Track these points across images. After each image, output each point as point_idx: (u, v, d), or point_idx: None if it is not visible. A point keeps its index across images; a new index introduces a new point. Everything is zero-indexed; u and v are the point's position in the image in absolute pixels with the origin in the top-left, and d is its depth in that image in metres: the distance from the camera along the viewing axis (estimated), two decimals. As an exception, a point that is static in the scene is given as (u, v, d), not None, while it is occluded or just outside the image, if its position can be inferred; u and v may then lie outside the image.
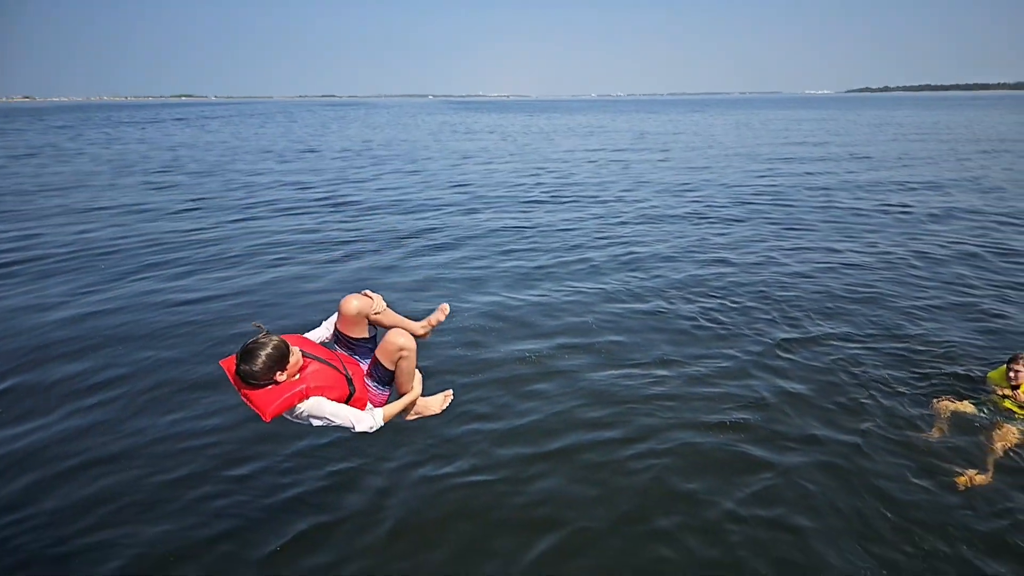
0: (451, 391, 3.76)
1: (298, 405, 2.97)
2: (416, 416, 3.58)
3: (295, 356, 2.98)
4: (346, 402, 3.12)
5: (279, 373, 2.91)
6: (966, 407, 5.31)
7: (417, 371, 3.44)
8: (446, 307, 3.61)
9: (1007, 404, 5.27)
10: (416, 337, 3.38)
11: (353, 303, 3.26)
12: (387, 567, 3.80)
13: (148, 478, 4.60)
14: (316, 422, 3.06)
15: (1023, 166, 22.12)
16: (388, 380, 3.32)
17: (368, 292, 3.33)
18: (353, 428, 3.12)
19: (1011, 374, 5.30)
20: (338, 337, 3.37)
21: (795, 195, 16.50)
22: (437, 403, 3.67)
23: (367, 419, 3.15)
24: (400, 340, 3.20)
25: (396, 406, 3.34)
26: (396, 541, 3.98)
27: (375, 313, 3.30)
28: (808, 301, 8.26)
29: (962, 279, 9.17)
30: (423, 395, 3.60)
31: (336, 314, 3.34)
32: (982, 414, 5.21)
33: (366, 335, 3.37)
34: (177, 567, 3.78)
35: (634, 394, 5.82)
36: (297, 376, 3.02)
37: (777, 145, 31.51)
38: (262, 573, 3.73)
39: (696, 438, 5.09)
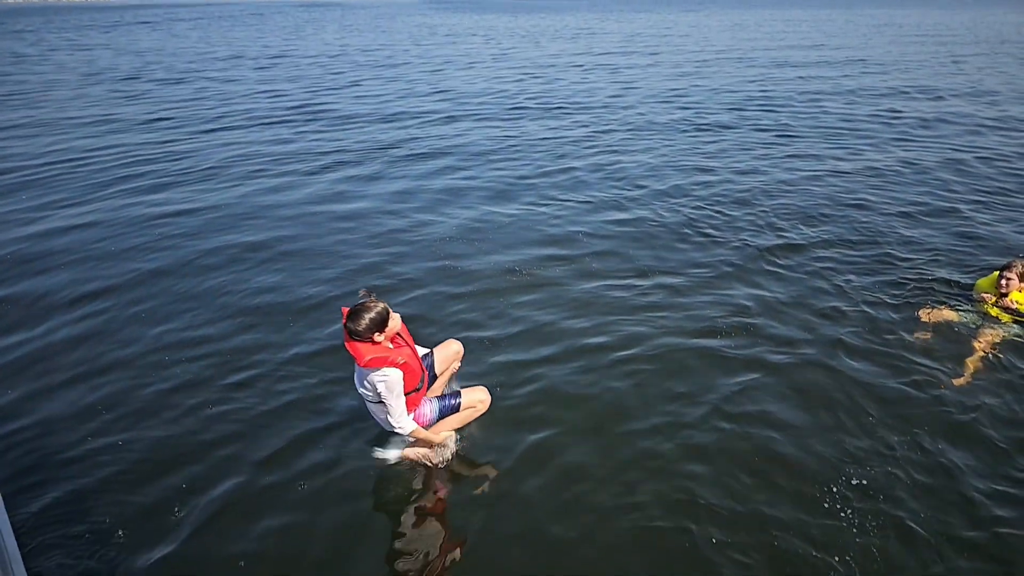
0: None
1: (385, 368, 3.48)
2: (413, 455, 3.91)
3: (394, 322, 3.55)
4: (407, 395, 3.64)
5: (377, 334, 3.48)
6: (950, 313, 5.41)
7: (455, 433, 3.95)
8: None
9: (993, 311, 5.35)
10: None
11: (458, 347, 4.23)
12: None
13: (145, 387, 4.68)
14: (381, 388, 3.52)
15: (1018, 70, 21.69)
16: (446, 413, 3.88)
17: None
18: (391, 416, 3.62)
19: (1002, 281, 5.29)
20: (425, 356, 4.06)
21: (786, 101, 16.16)
22: (432, 457, 3.95)
23: (406, 422, 3.65)
24: (484, 396, 3.95)
25: (423, 433, 3.77)
26: (390, 442, 4.12)
27: (453, 368, 4.25)
28: (794, 210, 8.27)
29: (948, 186, 9.19)
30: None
31: (438, 348, 4.17)
32: (965, 320, 5.33)
33: (437, 375, 4.13)
34: (179, 470, 3.91)
35: (621, 303, 5.90)
36: (391, 345, 3.58)
37: (771, 49, 30.49)
38: (261, 473, 3.88)
39: (682, 344, 5.22)
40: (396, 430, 3.70)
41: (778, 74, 21.38)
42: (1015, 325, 5.22)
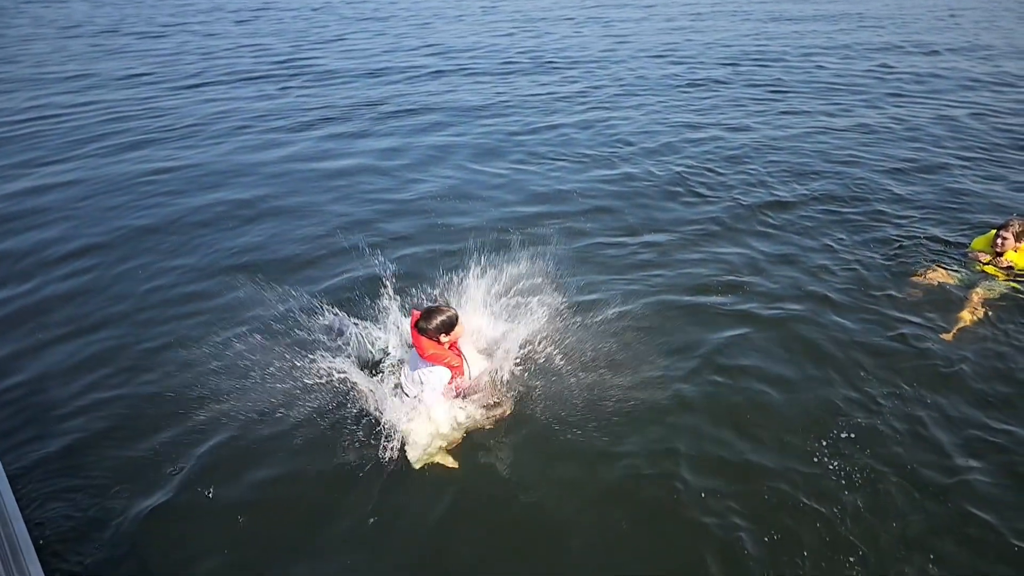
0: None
1: (438, 367, 3.80)
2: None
3: (460, 328, 3.87)
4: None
5: (443, 335, 3.81)
6: (941, 272, 5.43)
7: (448, 458, 3.80)
8: None
9: (988, 269, 5.36)
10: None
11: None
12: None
13: (136, 344, 4.68)
14: (427, 381, 3.81)
15: (1015, 24, 21.42)
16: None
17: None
18: (419, 402, 3.83)
19: (998, 240, 5.29)
20: None
21: (780, 56, 15.90)
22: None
23: (422, 420, 3.80)
24: (498, 412, 4.02)
25: (425, 428, 3.86)
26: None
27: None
28: (785, 167, 8.23)
29: (940, 143, 9.16)
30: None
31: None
32: (957, 278, 5.36)
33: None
34: (175, 424, 3.95)
35: (613, 261, 5.92)
36: (448, 347, 3.87)
37: (766, 1, 29.89)
38: (257, 426, 3.92)
39: (673, 301, 5.25)
40: (410, 416, 3.79)
41: (773, 28, 20.99)
42: (1007, 283, 5.24)
